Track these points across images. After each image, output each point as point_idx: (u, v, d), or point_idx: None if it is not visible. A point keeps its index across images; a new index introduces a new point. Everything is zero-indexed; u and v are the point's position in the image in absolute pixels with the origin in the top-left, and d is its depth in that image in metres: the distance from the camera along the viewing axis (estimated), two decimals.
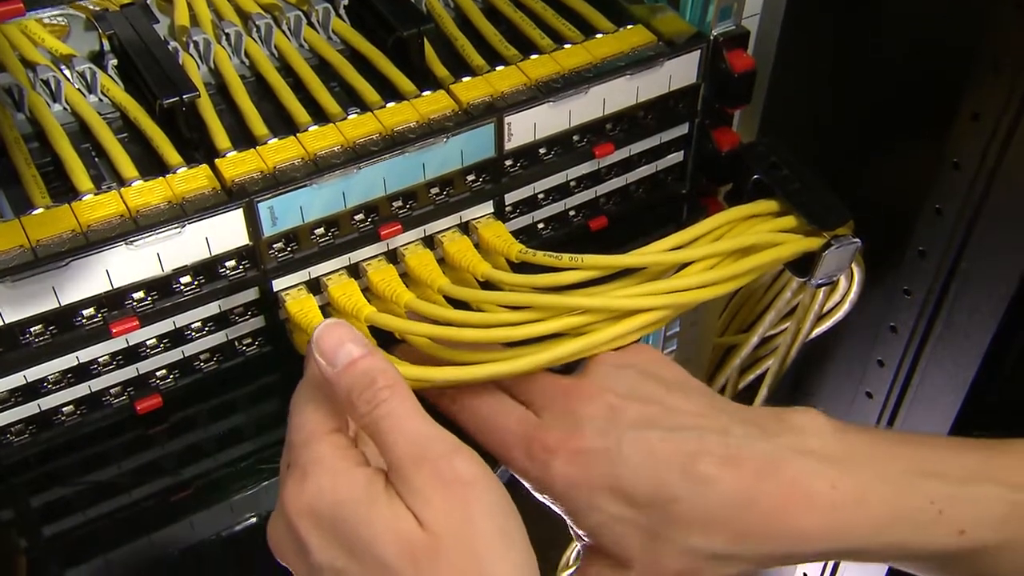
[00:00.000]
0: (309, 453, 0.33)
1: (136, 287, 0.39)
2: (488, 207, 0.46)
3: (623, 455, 0.36)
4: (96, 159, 0.43)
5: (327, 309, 0.44)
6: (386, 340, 0.41)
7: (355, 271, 0.44)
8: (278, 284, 0.42)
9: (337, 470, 0.32)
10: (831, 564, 0.68)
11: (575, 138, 0.48)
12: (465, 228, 0.46)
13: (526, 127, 0.45)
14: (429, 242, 0.45)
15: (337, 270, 0.43)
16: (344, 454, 0.33)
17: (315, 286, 0.43)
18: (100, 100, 0.46)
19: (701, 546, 0.35)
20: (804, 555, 0.36)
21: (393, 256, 0.45)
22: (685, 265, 0.42)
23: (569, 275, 0.41)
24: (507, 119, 0.44)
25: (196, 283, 0.40)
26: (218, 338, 0.43)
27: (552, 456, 0.36)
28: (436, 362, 0.39)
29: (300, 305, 0.42)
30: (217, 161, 0.41)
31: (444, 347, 0.40)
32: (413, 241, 0.45)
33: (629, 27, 0.49)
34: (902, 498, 0.36)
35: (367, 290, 0.43)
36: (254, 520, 0.41)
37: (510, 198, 0.48)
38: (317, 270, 0.43)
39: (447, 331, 0.39)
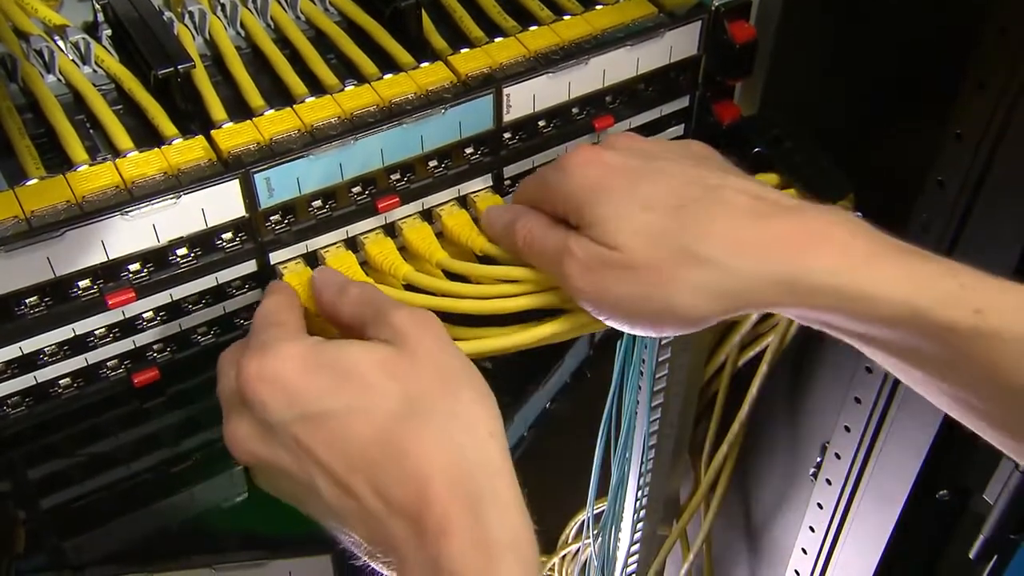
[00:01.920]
0: (271, 331, 0.35)
1: (132, 258, 0.38)
2: (487, 180, 0.46)
3: (647, 171, 0.38)
4: (91, 130, 0.43)
5: None
6: None
7: (353, 244, 0.44)
8: (276, 257, 0.42)
9: (299, 338, 0.34)
10: (826, 548, 0.69)
11: (575, 110, 0.47)
12: (463, 202, 0.46)
13: (525, 99, 0.45)
14: (427, 216, 0.45)
15: (335, 243, 0.43)
16: (304, 331, 0.36)
17: (312, 259, 0.43)
18: (94, 71, 0.45)
19: (691, 246, 0.35)
20: (802, 290, 0.34)
21: (391, 230, 0.44)
22: None
23: None
24: (506, 91, 0.44)
25: (192, 255, 0.40)
26: (215, 311, 0.43)
27: (581, 163, 0.39)
28: None
29: (299, 279, 0.42)
30: (213, 132, 0.41)
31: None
32: (411, 215, 0.45)
33: None
34: (921, 261, 0.34)
35: (365, 264, 0.43)
36: (254, 492, 0.41)
37: (509, 171, 0.47)
38: (314, 243, 0.43)
39: (445, 302, 0.39)
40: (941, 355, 0.34)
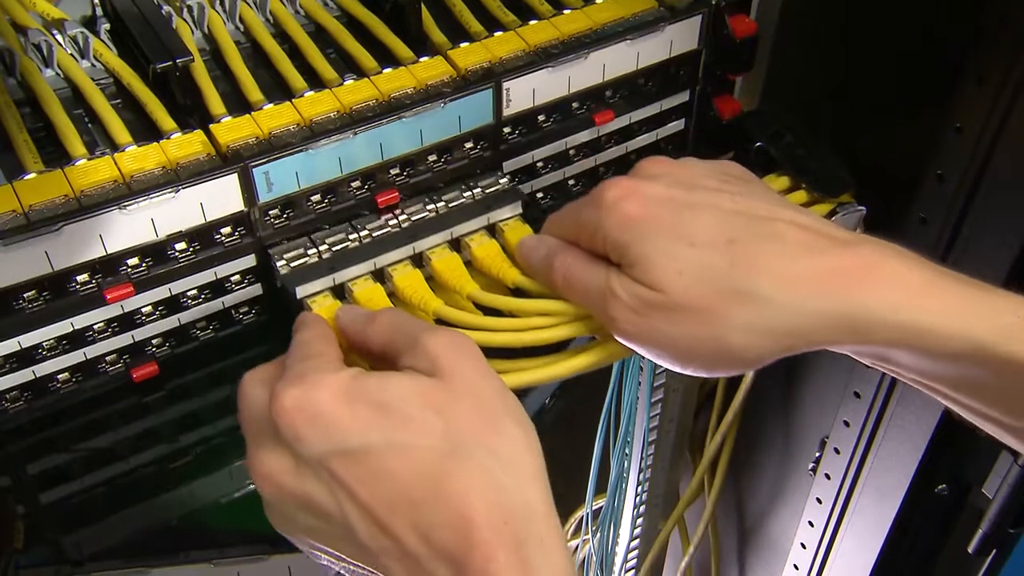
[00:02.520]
0: (308, 363, 0.33)
1: (130, 253, 0.38)
2: (517, 208, 0.43)
3: (691, 203, 0.36)
4: (89, 125, 0.43)
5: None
6: None
7: (380, 276, 0.42)
8: (302, 291, 0.40)
9: (338, 369, 0.33)
10: (825, 542, 0.69)
11: (574, 105, 0.47)
12: (492, 231, 0.43)
13: (525, 93, 0.45)
14: (455, 245, 0.43)
15: (362, 275, 0.41)
16: (342, 363, 0.34)
17: (339, 292, 0.41)
18: (93, 65, 0.45)
19: (743, 284, 0.33)
20: (861, 326, 0.33)
21: (419, 259, 0.42)
22: None
23: None
24: (505, 85, 0.44)
25: (191, 249, 0.40)
26: (214, 306, 0.43)
27: (618, 198, 0.36)
28: None
29: (328, 312, 0.39)
30: (212, 127, 0.41)
31: None
32: (439, 244, 0.43)
33: None
34: (981, 293, 0.33)
35: (392, 295, 0.41)
36: (253, 487, 0.41)
37: (509, 166, 0.47)
38: (341, 276, 0.41)
39: (479, 336, 0.38)
40: (1003, 388, 0.33)
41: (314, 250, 0.41)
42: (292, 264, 0.41)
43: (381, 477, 0.30)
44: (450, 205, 0.43)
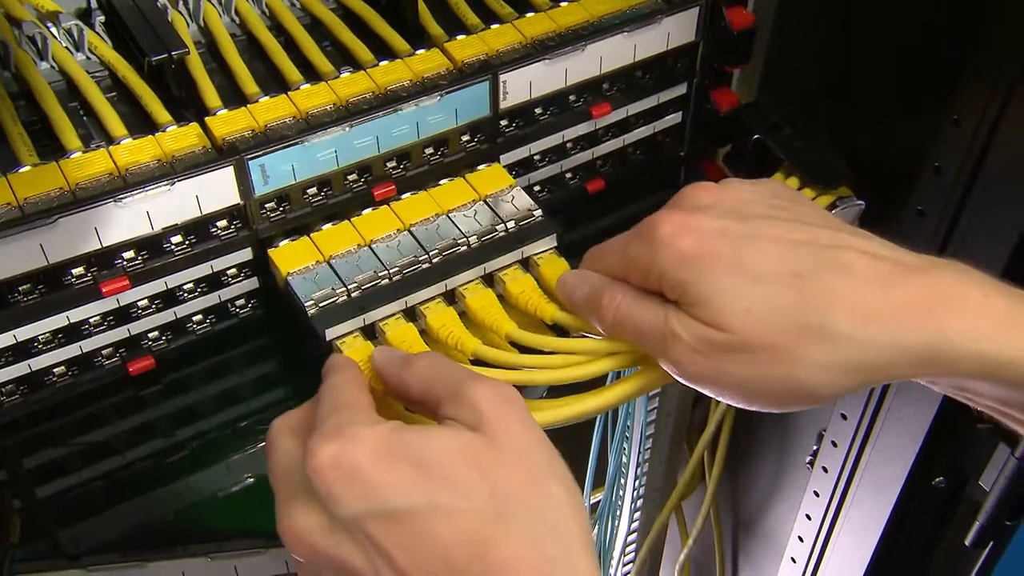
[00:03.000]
0: (342, 415, 0.31)
1: (126, 246, 0.38)
2: (552, 241, 0.42)
3: (748, 235, 0.34)
4: (84, 118, 0.42)
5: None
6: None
7: (412, 314, 0.40)
8: (332, 333, 0.38)
9: (374, 421, 0.31)
10: (822, 535, 0.69)
11: (571, 98, 0.47)
12: (526, 264, 0.42)
13: (521, 85, 0.45)
14: (489, 280, 0.41)
15: (394, 314, 0.40)
16: (377, 415, 0.32)
17: (369, 332, 0.40)
18: (88, 58, 0.45)
19: (816, 320, 0.32)
20: (942, 360, 0.32)
21: (451, 296, 0.40)
22: None
23: None
24: (502, 77, 0.44)
25: (187, 242, 0.40)
26: (211, 299, 0.42)
27: (672, 234, 0.34)
28: None
29: (358, 355, 0.38)
30: (207, 119, 0.41)
31: None
32: (472, 280, 0.41)
33: None
34: None
35: (424, 332, 0.39)
36: (251, 481, 0.41)
37: (506, 159, 0.47)
38: (372, 316, 0.39)
39: (522, 375, 0.37)
40: None
41: (343, 289, 0.39)
42: (321, 304, 0.39)
43: (422, 541, 0.28)
44: (482, 239, 0.41)
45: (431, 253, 0.40)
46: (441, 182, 0.42)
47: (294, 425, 0.32)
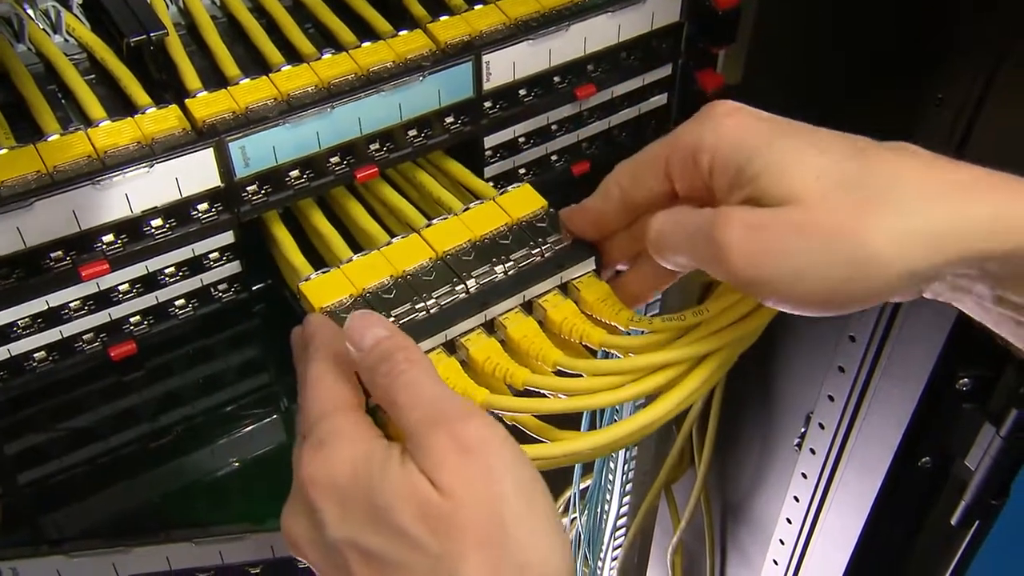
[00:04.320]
0: (326, 424, 0.31)
1: (105, 229, 0.38)
2: (590, 264, 0.39)
3: (800, 123, 0.33)
4: (62, 100, 0.42)
5: None
6: None
7: (451, 347, 0.37)
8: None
9: (355, 439, 0.30)
10: (810, 517, 0.69)
11: (556, 79, 0.47)
12: (564, 289, 0.39)
13: (505, 66, 0.44)
14: (528, 307, 0.39)
15: (434, 348, 0.37)
16: (362, 426, 0.31)
17: None
18: (66, 40, 0.44)
19: (884, 189, 0.30)
20: (1004, 232, 0.30)
21: (491, 326, 0.38)
22: None
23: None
24: (485, 58, 0.43)
25: (167, 226, 0.39)
26: (193, 283, 0.42)
27: (729, 111, 0.33)
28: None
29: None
30: (187, 101, 0.40)
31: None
32: (512, 308, 0.38)
33: None
34: None
35: (465, 364, 0.37)
36: (236, 465, 0.41)
37: (489, 141, 0.47)
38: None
39: (573, 403, 0.35)
40: None
41: None
42: None
43: None
44: (520, 265, 0.39)
45: (468, 283, 0.37)
46: (471, 206, 0.40)
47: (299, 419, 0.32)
